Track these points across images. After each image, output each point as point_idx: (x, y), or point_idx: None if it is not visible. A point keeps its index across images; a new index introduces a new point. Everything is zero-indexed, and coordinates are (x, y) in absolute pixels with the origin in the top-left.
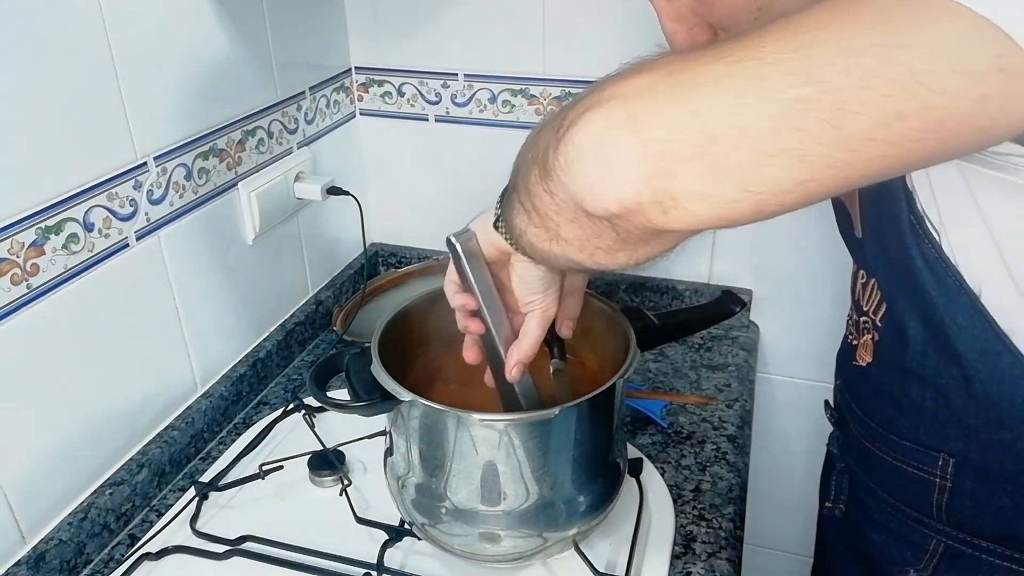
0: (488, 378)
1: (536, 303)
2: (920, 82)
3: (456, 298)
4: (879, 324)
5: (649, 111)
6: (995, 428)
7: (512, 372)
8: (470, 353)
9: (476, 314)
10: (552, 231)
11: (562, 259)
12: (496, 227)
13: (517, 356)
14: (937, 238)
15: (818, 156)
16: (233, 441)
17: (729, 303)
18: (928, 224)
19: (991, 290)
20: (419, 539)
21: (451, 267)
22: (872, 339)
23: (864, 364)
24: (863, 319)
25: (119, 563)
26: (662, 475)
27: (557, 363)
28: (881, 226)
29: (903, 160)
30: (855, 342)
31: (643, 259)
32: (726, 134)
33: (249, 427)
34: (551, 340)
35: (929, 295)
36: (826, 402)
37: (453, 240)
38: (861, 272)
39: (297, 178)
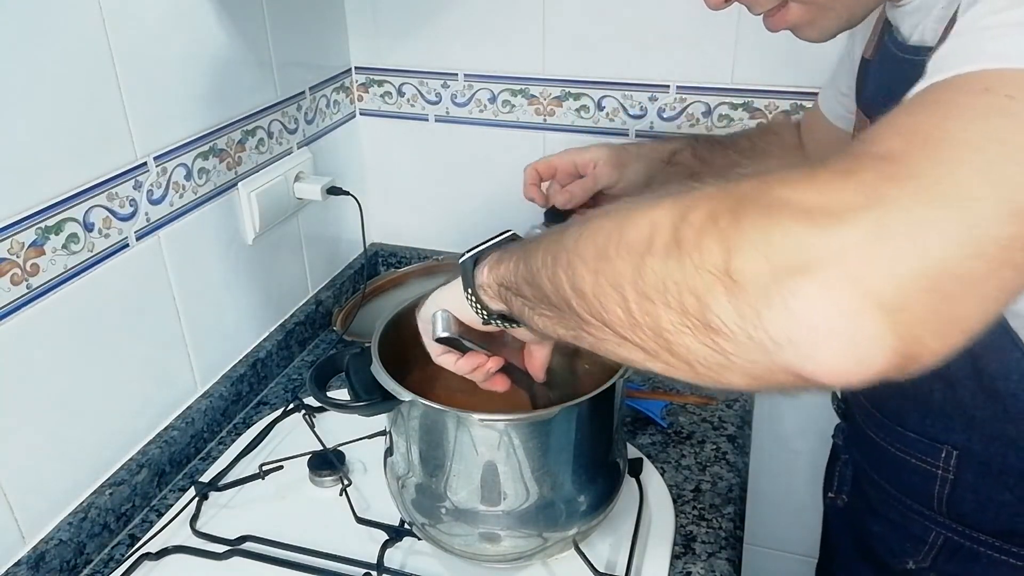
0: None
1: (536, 344)
2: None
3: (462, 365)
4: None
5: (880, 277)
6: (1000, 421)
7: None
8: (498, 382)
9: (484, 365)
10: (674, 369)
11: (662, 372)
12: (491, 323)
13: (538, 376)
14: None
15: (1020, 284)
16: (233, 441)
17: None
18: None
19: None
20: (419, 539)
21: (442, 355)
22: None
23: None
24: None
25: (119, 563)
26: (662, 475)
27: None
28: None
29: None
30: None
31: None
32: (953, 289)
33: (249, 427)
34: None
35: None
36: (834, 394)
37: (443, 335)
38: None
39: (297, 178)
